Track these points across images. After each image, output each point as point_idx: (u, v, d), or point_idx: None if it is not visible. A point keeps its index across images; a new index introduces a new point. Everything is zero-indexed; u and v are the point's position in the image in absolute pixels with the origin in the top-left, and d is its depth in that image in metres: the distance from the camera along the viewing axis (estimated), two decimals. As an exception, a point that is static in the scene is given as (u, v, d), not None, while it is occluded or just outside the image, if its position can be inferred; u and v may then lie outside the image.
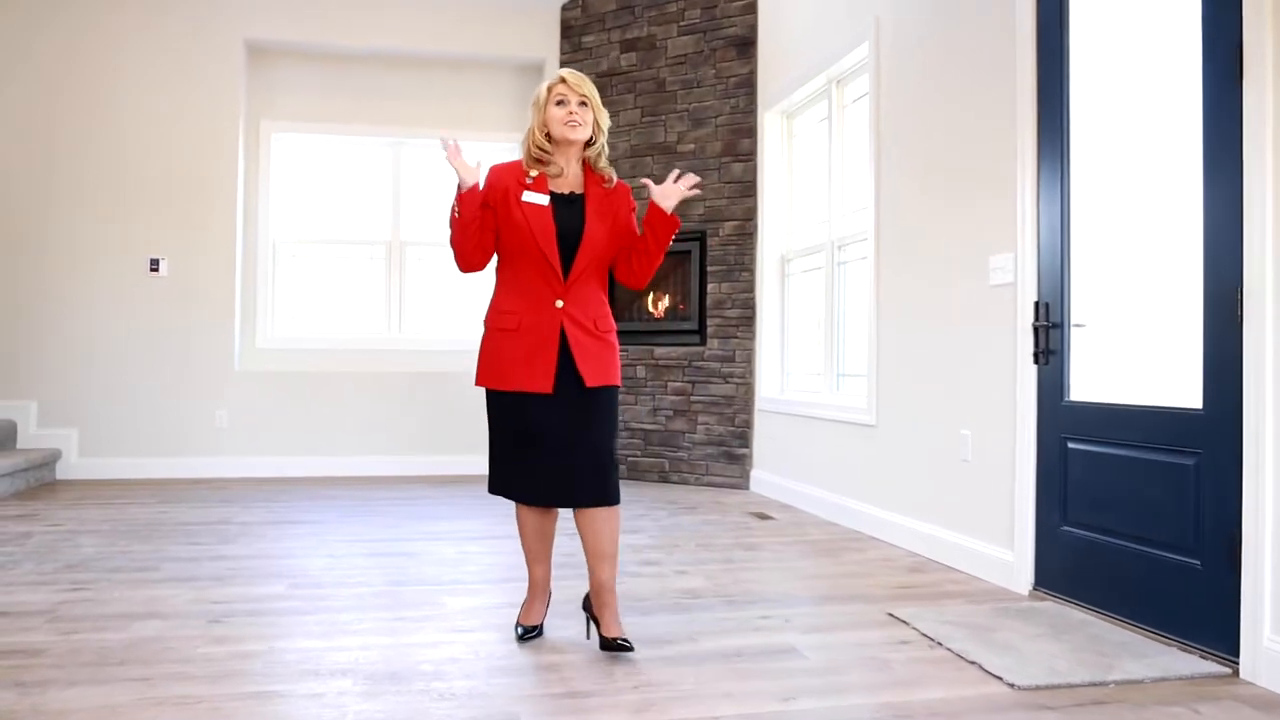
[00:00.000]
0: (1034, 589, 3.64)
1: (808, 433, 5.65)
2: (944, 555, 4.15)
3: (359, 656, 2.81)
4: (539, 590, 3.07)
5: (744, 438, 6.42)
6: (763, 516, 5.33)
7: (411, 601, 3.44)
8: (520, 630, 3.03)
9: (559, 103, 2.88)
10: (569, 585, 3.53)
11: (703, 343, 6.58)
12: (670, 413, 6.67)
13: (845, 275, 5.52)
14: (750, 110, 6.47)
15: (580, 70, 7.10)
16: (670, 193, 2.90)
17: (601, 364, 2.88)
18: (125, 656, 2.77)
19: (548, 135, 2.91)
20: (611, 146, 6.86)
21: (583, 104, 2.88)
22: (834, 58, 5.42)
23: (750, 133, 6.46)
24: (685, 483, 6.58)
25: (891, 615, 3.30)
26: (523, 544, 3.06)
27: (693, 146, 6.66)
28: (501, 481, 2.97)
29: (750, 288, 6.42)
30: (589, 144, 2.93)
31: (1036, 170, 3.65)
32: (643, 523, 5.07)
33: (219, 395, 6.84)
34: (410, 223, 7.40)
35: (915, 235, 4.50)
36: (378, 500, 5.76)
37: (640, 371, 6.80)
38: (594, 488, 2.86)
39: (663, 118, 6.79)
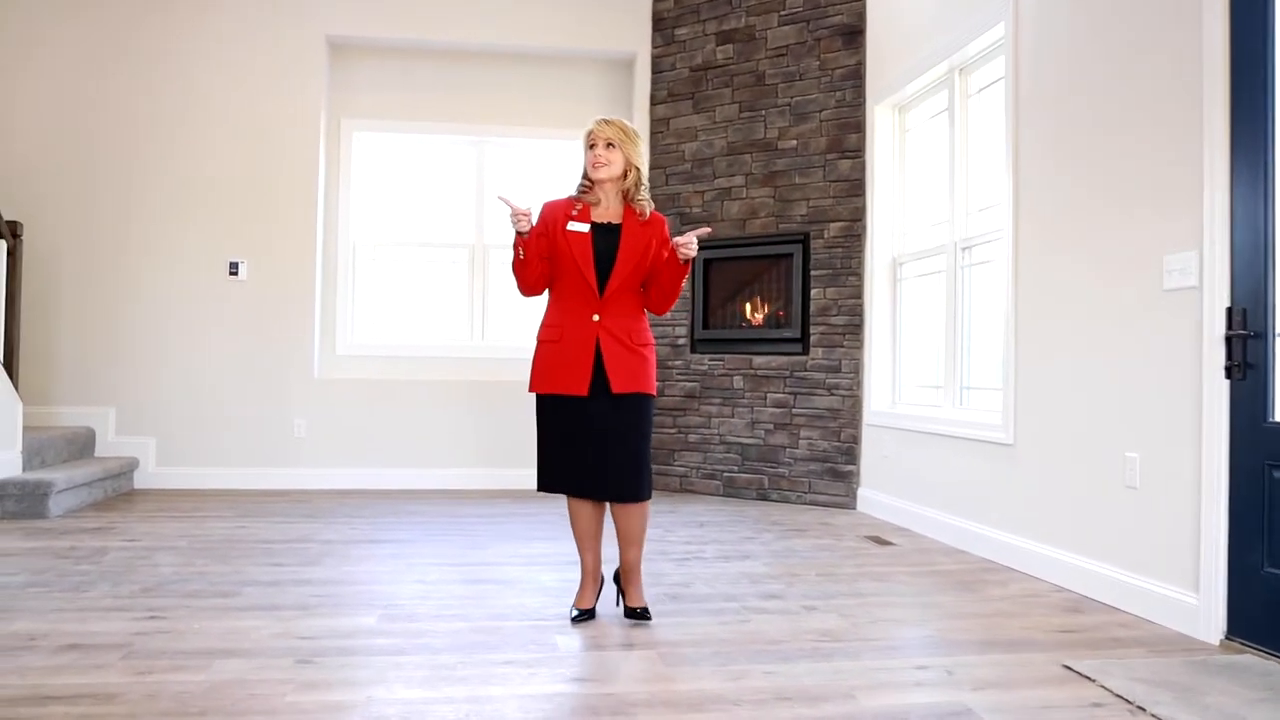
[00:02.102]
0: (1226, 638, 3.15)
1: (926, 450, 5.20)
2: (1103, 593, 3.68)
3: (470, 712, 2.45)
4: (590, 576, 3.38)
5: (850, 454, 5.97)
6: (881, 541, 4.89)
7: (519, 640, 3.08)
8: (574, 613, 3.32)
9: (591, 146, 3.33)
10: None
11: (805, 352, 6.15)
12: (770, 426, 6.25)
13: (970, 279, 5.07)
14: (858, 104, 6.04)
15: (674, 64, 6.79)
16: (689, 242, 3.19)
17: (631, 373, 3.23)
18: (205, 705, 2.45)
19: (585, 174, 3.37)
20: (708, 144, 6.54)
21: (609, 146, 3.30)
22: (959, 43, 4.97)
23: (858, 127, 6.03)
24: (786, 501, 6.16)
25: (1069, 668, 2.86)
26: (574, 533, 3.38)
27: (795, 143, 6.24)
28: (547, 476, 3.33)
29: (858, 293, 5.98)
30: (625, 177, 3.33)
31: (1230, 156, 3.18)
32: (752, 547, 4.67)
33: (298, 403, 6.59)
34: (494, 225, 7.09)
35: (1065, 233, 4.04)
36: (464, 517, 5.44)
37: (737, 382, 6.39)
38: (626, 484, 3.23)
39: (762, 113, 6.39)
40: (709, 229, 3.34)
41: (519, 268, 3.30)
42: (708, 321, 6.61)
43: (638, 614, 3.29)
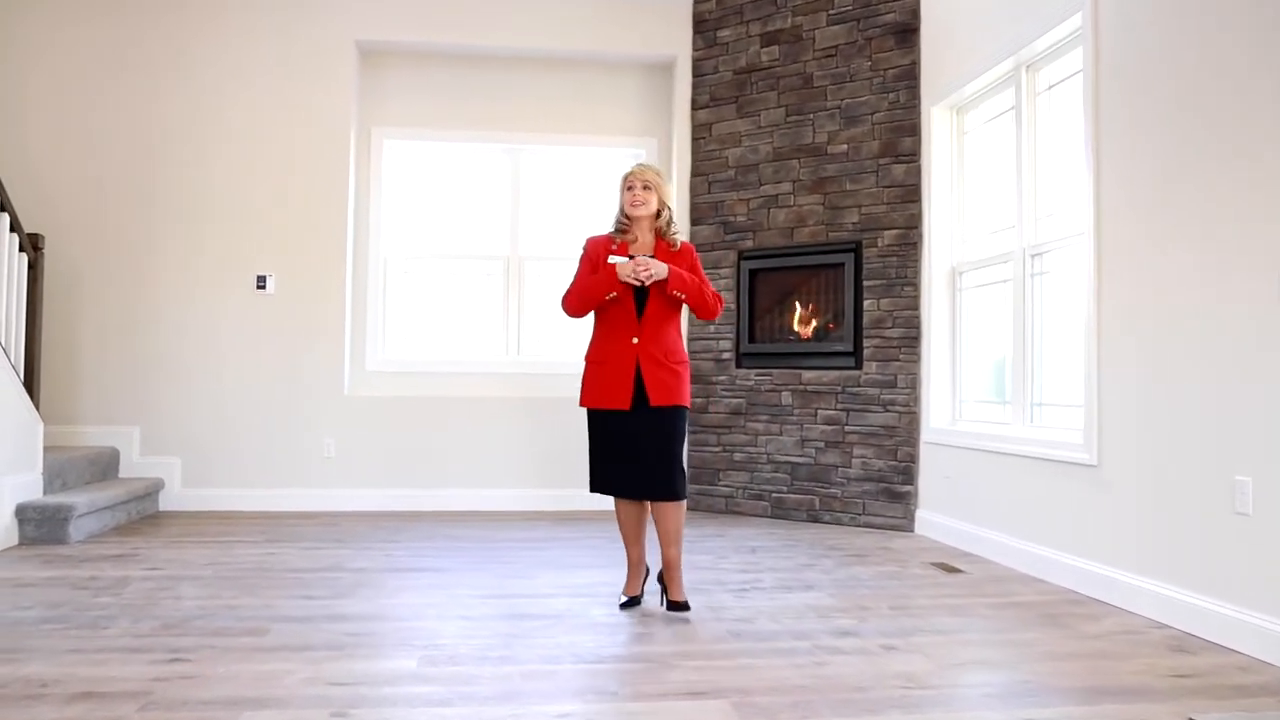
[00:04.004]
0: (1365, 685, 2.82)
1: (992, 471, 4.88)
2: (1211, 630, 3.35)
3: (528, 778, 2.16)
4: (636, 568, 3.79)
5: (908, 473, 5.65)
6: (949, 568, 4.57)
7: (574, 686, 2.79)
8: (624, 599, 3.74)
9: (628, 188, 3.75)
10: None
11: (858, 366, 5.84)
12: (821, 444, 5.94)
13: (1041, 288, 4.75)
14: (912, 105, 5.75)
15: (716, 67, 6.52)
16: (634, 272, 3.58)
17: (667, 389, 3.64)
18: (233, 767, 2.18)
19: (625, 212, 3.77)
20: (753, 150, 6.26)
21: (646, 188, 3.73)
22: (1026, 38, 4.67)
23: (913, 130, 5.73)
24: (839, 523, 5.84)
25: (1196, 723, 2.54)
26: (620, 530, 3.77)
27: (845, 148, 5.95)
28: (598, 480, 3.73)
29: (914, 304, 5.67)
30: (659, 215, 3.77)
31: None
32: (812, 575, 4.36)
33: (327, 422, 6.34)
34: (529, 236, 6.84)
35: (1159, 236, 3.72)
36: (503, 542, 5.16)
37: (785, 398, 6.09)
38: (663, 485, 3.61)
39: (810, 116, 6.10)
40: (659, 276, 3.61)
41: (569, 301, 3.76)
42: (754, 335, 6.31)
43: (680, 606, 3.64)
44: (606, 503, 4.00)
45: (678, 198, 6.59)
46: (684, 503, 3.66)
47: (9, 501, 4.87)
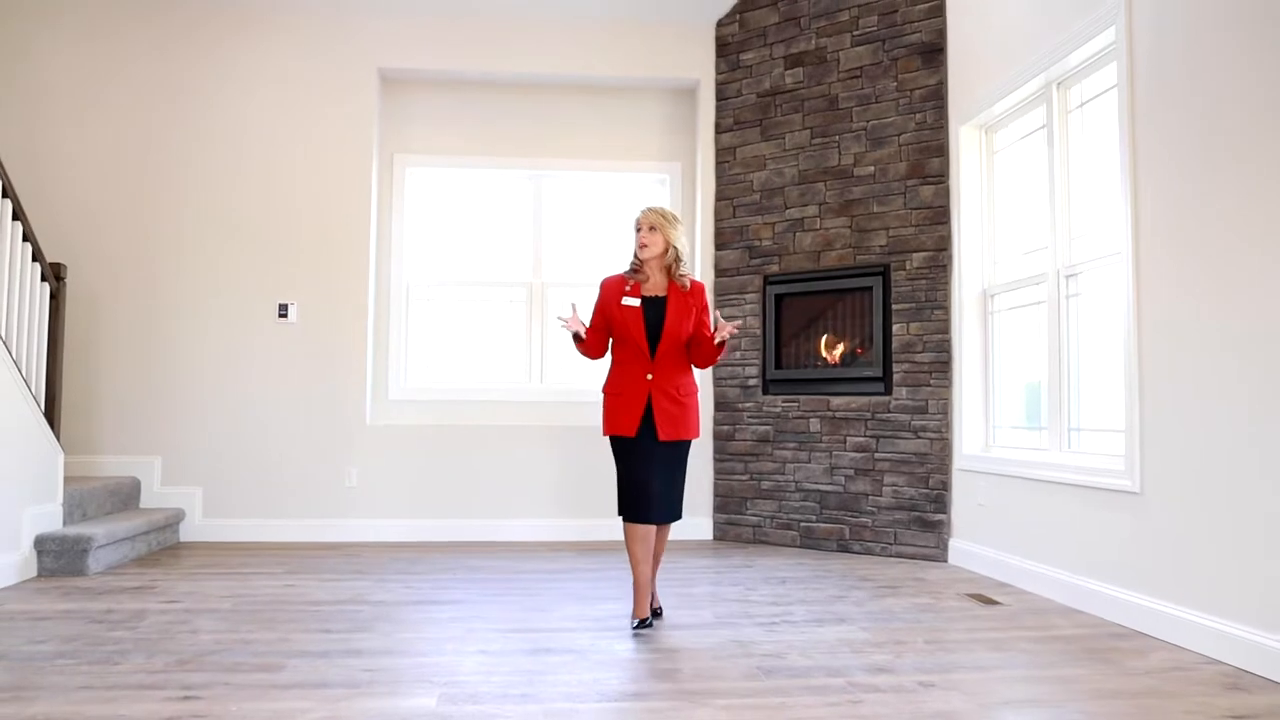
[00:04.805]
0: None
1: (1028, 498, 4.73)
2: (1267, 667, 3.18)
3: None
4: (644, 588, 3.86)
5: (940, 502, 5.51)
6: (985, 600, 4.42)
7: (598, 727, 2.68)
8: (635, 623, 3.81)
9: (636, 229, 3.96)
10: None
11: (888, 392, 5.72)
12: (850, 472, 5.81)
13: (1077, 310, 4.62)
14: (940, 126, 5.65)
15: (739, 90, 6.45)
16: (725, 328, 3.82)
17: (675, 423, 3.88)
18: (241, 815, 2.07)
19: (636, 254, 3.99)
20: (777, 173, 6.18)
21: (651, 229, 3.91)
22: (1057, 55, 4.57)
23: (940, 151, 5.63)
24: (870, 553, 5.70)
25: (1259, 767, 2.39)
26: (633, 551, 3.86)
27: (872, 169, 5.86)
28: (626, 506, 3.88)
29: (945, 328, 5.54)
30: (666, 254, 3.94)
31: None
32: (844, 607, 4.22)
33: (349, 452, 6.28)
34: (553, 262, 6.77)
35: (1199, 253, 3.58)
36: (525, 574, 5.05)
37: (813, 425, 5.96)
38: (666, 510, 3.90)
39: (835, 138, 6.01)
40: (735, 328, 3.95)
41: (583, 349, 3.99)
42: (780, 360, 6.20)
43: (656, 613, 4.00)
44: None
45: (701, 221, 6.52)
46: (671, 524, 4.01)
47: (28, 532, 4.83)
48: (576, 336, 3.93)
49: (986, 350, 5.42)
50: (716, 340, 3.79)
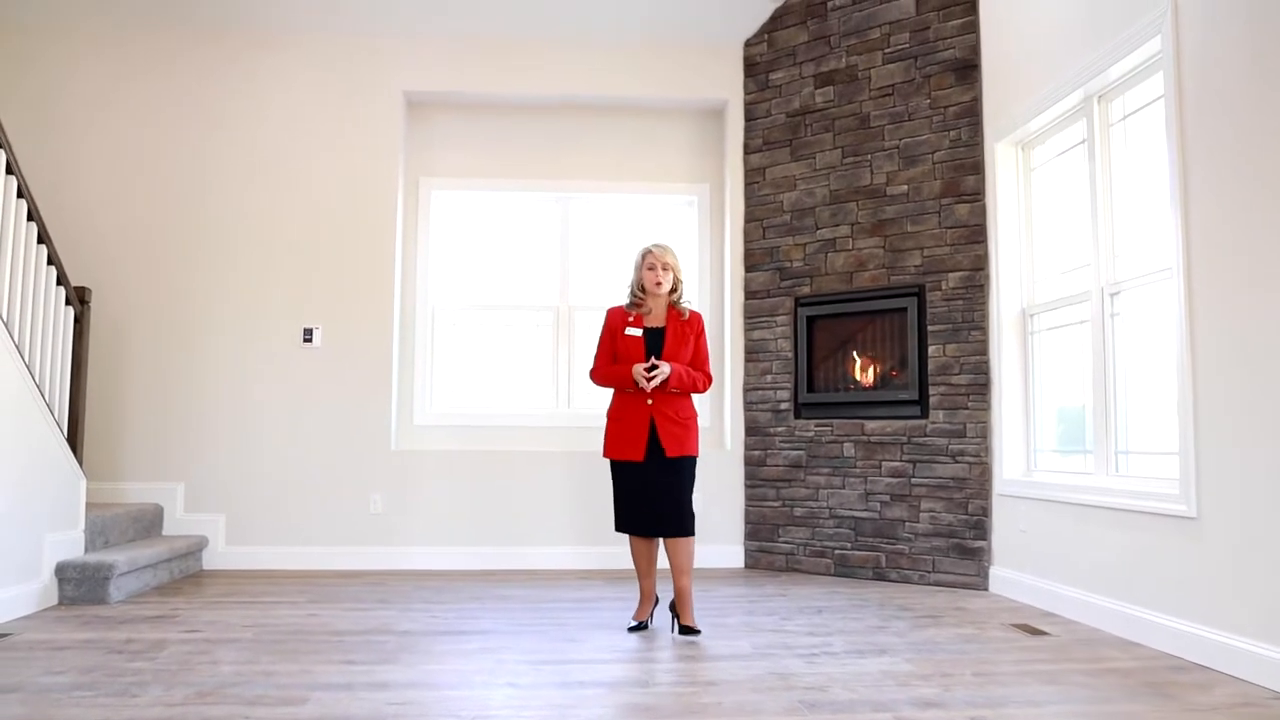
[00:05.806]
0: None
1: (1073, 524, 4.56)
2: (1339, 702, 3.01)
3: None
4: (647, 597, 4.27)
5: (980, 528, 5.34)
6: (1032, 630, 4.25)
7: (634, 765, 2.54)
8: (633, 623, 4.23)
9: (650, 268, 4.30)
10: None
11: (924, 415, 5.57)
12: (886, 498, 5.65)
13: (1123, 328, 4.47)
14: (975, 143, 5.53)
15: (769, 110, 6.35)
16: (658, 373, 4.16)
17: (679, 441, 4.18)
18: None
19: (642, 287, 4.35)
20: (808, 193, 6.07)
21: (665, 268, 4.29)
22: (1098, 68, 4.45)
23: (976, 168, 5.51)
24: (907, 581, 5.52)
25: (1347, 813, 2.22)
26: (634, 563, 4.29)
27: (905, 188, 5.74)
28: (622, 521, 4.26)
29: (983, 349, 5.40)
30: (672, 291, 4.33)
31: None
32: (885, 638, 4.06)
33: (374, 478, 6.18)
34: (580, 285, 6.68)
35: (1254, 268, 3.43)
36: (553, 603, 4.92)
37: (847, 449, 5.82)
38: (675, 524, 4.13)
39: (867, 157, 5.90)
40: (666, 372, 4.16)
41: (598, 379, 4.40)
42: (813, 384, 6.07)
43: (690, 631, 4.10)
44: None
45: (731, 243, 6.46)
46: (693, 538, 4.16)
47: (49, 560, 4.75)
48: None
49: (1026, 371, 5.27)
50: (653, 384, 4.13)
